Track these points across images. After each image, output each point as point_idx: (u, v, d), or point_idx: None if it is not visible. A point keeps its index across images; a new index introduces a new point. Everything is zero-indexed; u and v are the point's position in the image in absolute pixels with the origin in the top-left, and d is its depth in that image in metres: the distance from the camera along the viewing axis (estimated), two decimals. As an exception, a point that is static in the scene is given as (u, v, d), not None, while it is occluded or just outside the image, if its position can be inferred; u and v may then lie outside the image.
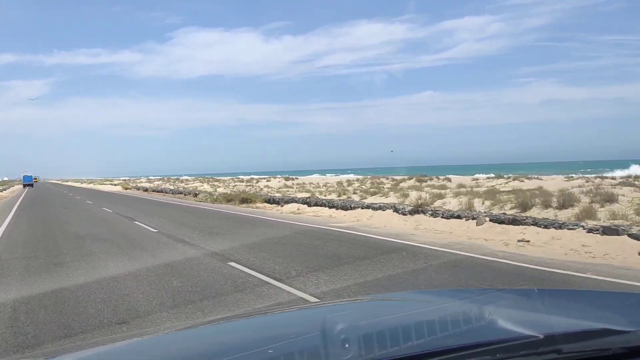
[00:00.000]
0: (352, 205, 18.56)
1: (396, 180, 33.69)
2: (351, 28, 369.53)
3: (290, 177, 58.11)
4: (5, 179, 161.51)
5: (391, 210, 16.35)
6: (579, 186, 17.47)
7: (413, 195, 17.91)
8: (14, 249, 11.95)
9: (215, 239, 12.65)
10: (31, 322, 5.78)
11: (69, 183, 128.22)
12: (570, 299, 2.20)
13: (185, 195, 39.13)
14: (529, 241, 10.59)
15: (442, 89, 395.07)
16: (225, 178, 71.37)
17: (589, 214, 11.53)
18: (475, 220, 13.08)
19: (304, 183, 40.87)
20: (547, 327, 1.44)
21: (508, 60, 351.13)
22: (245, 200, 25.92)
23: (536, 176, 28.22)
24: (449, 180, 31.32)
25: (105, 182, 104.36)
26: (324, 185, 34.44)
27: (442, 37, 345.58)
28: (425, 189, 22.24)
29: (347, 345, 1.32)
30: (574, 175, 31.38)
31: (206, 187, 45.46)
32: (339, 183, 36.79)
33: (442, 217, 14.27)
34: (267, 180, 50.69)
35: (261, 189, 36.11)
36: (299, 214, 19.84)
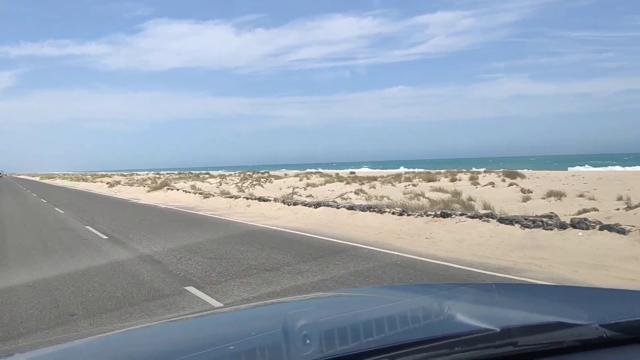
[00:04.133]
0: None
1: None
2: (324, 22, 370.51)
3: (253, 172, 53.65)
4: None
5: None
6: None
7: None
8: None
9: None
10: None
11: (37, 179, 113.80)
12: (527, 293, 2.27)
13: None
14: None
15: (414, 83, 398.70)
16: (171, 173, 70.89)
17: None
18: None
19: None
20: (504, 320, 1.47)
21: (479, 55, 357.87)
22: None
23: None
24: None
25: (96, 179, 73.50)
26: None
27: (414, 32, 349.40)
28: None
29: (308, 341, 1.32)
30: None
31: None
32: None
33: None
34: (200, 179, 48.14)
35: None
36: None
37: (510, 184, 25.05)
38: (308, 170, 68.39)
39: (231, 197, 23.95)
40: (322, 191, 27.91)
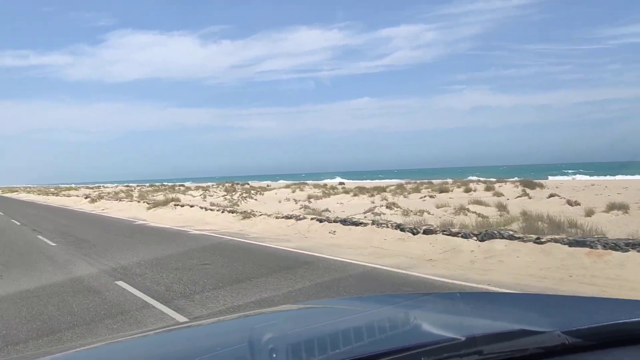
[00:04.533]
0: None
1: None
2: (290, 34, 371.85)
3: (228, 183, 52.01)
4: None
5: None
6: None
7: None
8: None
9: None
10: None
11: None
12: (491, 301, 2.28)
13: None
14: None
15: (379, 95, 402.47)
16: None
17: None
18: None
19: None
20: (469, 329, 1.47)
21: (442, 67, 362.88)
22: None
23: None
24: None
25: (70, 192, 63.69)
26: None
27: (379, 45, 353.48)
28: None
29: (274, 355, 1.32)
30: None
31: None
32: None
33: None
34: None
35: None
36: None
37: (551, 195, 21.30)
38: (282, 181, 66.95)
39: (286, 217, 17.08)
40: (333, 205, 23.49)
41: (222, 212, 21.33)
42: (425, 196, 26.41)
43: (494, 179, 34.80)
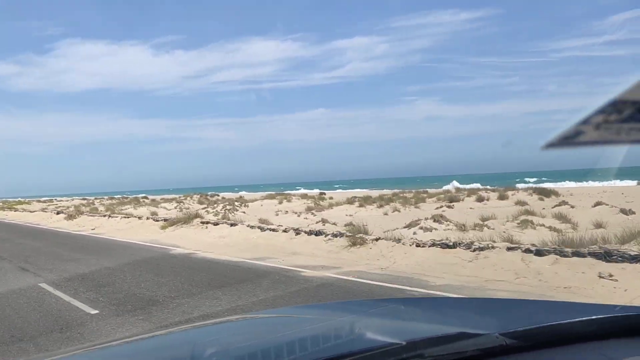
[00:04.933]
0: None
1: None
2: (244, 44, 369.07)
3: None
4: None
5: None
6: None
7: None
8: None
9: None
10: None
11: None
12: (432, 306, 2.32)
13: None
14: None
15: (334, 105, 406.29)
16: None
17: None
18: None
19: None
20: (410, 333, 1.55)
21: (394, 79, 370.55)
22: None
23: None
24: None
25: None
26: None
27: (333, 56, 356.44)
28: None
29: None
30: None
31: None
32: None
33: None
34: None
35: None
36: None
37: (597, 204, 19.06)
38: (243, 193, 63.94)
39: (358, 238, 12.39)
40: (345, 218, 19.30)
41: (268, 231, 15.39)
42: (442, 206, 23.17)
43: (501, 187, 32.17)
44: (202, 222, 19.17)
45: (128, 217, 25.62)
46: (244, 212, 25.94)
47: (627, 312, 1.61)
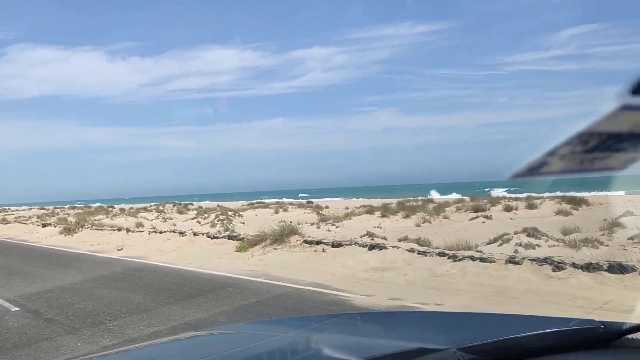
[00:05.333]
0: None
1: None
2: (203, 52, 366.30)
3: None
4: None
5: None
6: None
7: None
8: None
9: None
10: None
11: None
12: (390, 321, 2.26)
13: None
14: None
15: (294, 115, 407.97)
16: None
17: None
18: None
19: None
20: (368, 350, 1.52)
21: (354, 89, 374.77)
22: None
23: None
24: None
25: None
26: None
27: (292, 66, 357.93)
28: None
29: None
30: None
31: None
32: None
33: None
34: None
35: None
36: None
37: None
38: (210, 202, 60.52)
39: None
40: (376, 231, 14.80)
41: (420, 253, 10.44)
42: (477, 216, 19.61)
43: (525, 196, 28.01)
44: (308, 242, 12.64)
45: (161, 233, 18.05)
46: (243, 223, 22.33)
47: (581, 325, 1.62)
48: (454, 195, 41.73)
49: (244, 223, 22.54)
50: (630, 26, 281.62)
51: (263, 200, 45.89)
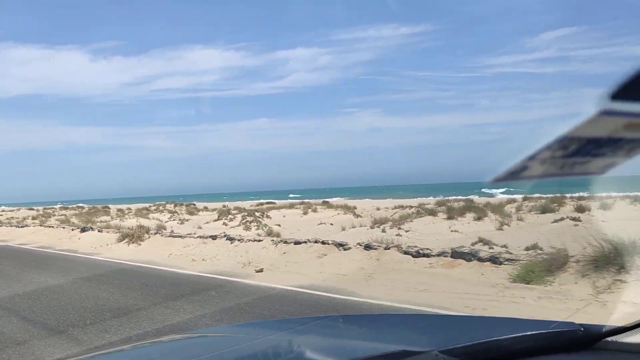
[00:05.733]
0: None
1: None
2: (186, 52, 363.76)
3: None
4: None
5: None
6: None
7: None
8: None
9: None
10: None
11: None
12: (373, 323, 2.27)
13: None
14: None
15: (277, 115, 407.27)
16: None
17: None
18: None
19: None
20: (351, 352, 1.55)
21: (337, 90, 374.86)
22: None
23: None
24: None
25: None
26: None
27: (276, 66, 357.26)
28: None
29: None
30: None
31: None
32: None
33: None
34: None
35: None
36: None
37: None
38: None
39: None
40: (453, 237, 13.45)
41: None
42: (562, 219, 15.09)
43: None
44: (412, 254, 9.68)
45: (214, 239, 14.13)
46: (279, 225, 19.69)
47: (561, 327, 1.64)
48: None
49: (279, 225, 19.91)
50: (610, 29, 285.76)
51: (272, 201, 42.59)
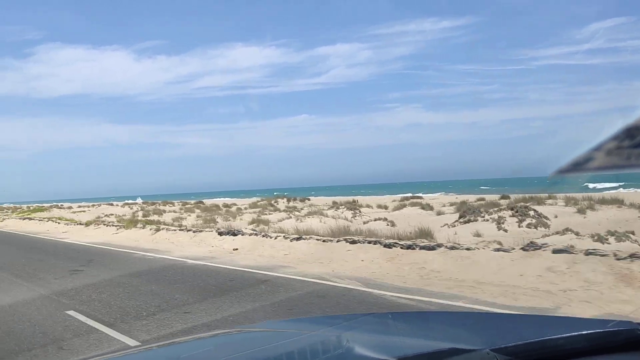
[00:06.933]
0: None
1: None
2: (227, 50, 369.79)
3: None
4: None
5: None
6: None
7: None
8: None
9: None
10: None
11: None
12: (422, 321, 2.26)
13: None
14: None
15: (317, 112, 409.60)
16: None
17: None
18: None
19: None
20: (400, 350, 1.52)
21: (377, 86, 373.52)
22: None
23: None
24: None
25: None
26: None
27: (316, 62, 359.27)
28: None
29: None
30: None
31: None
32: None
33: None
34: None
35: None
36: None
37: None
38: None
39: None
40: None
41: None
42: None
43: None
44: None
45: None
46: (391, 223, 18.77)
47: (619, 327, 1.58)
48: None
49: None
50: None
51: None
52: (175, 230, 18.40)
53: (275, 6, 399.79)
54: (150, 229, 19.48)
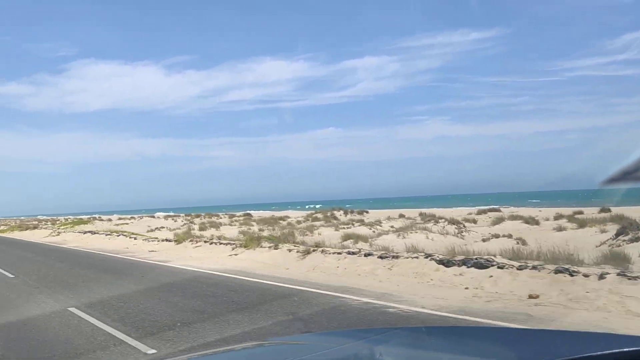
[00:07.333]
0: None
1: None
2: (255, 64, 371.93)
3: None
4: None
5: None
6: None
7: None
8: None
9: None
10: None
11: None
12: (456, 335, 2.20)
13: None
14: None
15: (344, 125, 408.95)
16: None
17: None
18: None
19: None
20: None
21: (404, 98, 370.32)
22: None
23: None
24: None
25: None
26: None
27: (343, 75, 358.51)
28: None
29: None
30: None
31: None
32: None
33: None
34: None
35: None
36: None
37: None
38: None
39: None
40: None
41: None
42: None
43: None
44: None
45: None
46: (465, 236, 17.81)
47: None
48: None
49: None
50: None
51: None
52: (341, 253, 12.13)
53: (303, 20, 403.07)
54: (290, 250, 13.88)
